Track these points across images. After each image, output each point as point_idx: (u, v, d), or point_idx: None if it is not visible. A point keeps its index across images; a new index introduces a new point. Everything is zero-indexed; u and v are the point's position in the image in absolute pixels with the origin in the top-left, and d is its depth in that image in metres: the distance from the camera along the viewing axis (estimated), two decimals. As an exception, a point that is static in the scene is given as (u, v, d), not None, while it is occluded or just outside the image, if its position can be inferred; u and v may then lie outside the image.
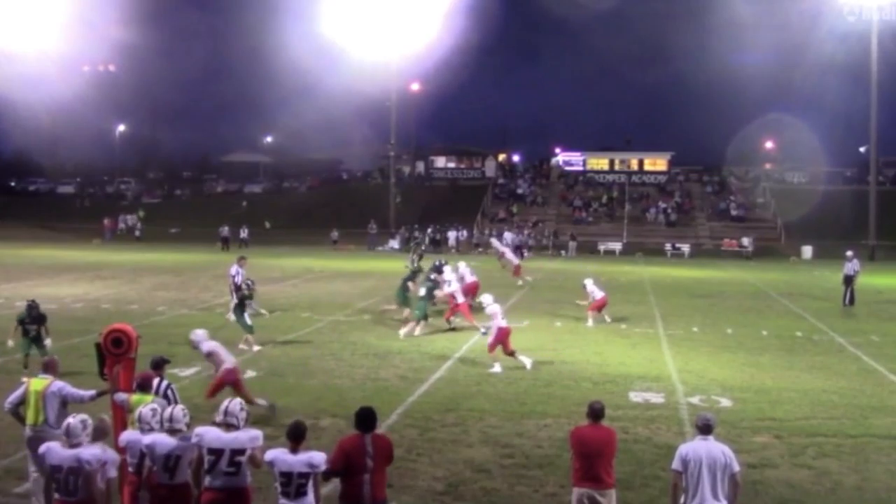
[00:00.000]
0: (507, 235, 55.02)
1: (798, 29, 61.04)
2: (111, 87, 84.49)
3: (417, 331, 20.44)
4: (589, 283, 23.55)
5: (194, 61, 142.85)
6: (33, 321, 15.89)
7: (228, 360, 13.27)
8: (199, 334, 13.50)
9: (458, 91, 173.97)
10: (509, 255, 36.86)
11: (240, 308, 19.13)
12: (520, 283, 32.59)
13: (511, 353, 16.85)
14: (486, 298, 17.91)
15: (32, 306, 16.06)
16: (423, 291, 21.16)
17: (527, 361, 16.79)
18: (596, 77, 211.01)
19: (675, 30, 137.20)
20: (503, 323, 16.98)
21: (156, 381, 9.65)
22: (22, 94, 58.71)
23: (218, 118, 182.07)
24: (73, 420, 7.51)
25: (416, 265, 24.83)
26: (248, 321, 18.98)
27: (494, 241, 42.53)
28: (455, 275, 23.58)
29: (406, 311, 22.14)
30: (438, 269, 23.49)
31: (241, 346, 18.40)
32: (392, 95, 64.16)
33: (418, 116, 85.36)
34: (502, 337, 16.85)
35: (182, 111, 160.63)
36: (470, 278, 24.87)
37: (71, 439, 7.43)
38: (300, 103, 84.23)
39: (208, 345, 13.37)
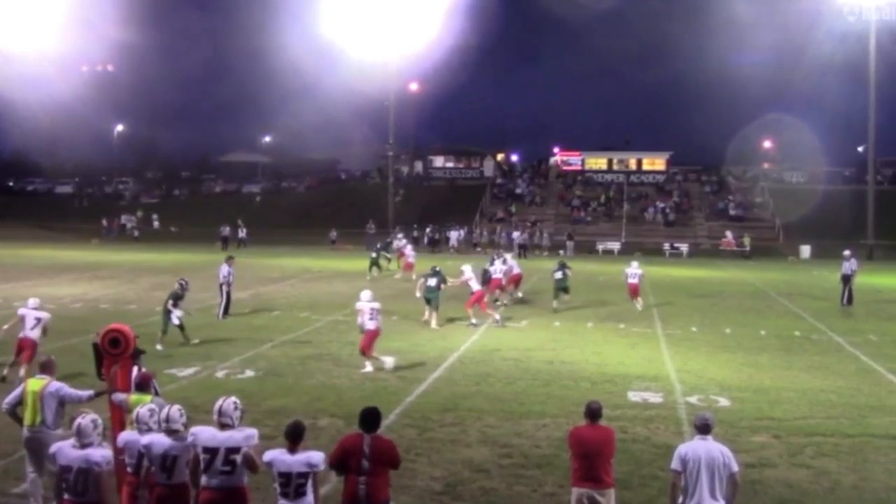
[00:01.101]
0: (516, 235, 55.45)
1: (797, 29, 61.11)
2: (110, 87, 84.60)
3: (434, 322, 21.84)
4: (633, 266, 26.50)
5: (193, 61, 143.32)
6: None
7: None
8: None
9: (456, 91, 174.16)
10: (411, 258, 35.95)
11: (170, 308, 18.87)
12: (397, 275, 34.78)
13: (366, 353, 16.58)
14: (364, 294, 17.24)
15: None
16: (433, 282, 22.25)
17: (385, 361, 16.52)
18: (595, 77, 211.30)
19: (674, 30, 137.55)
20: (371, 325, 16.59)
21: (135, 370, 9.67)
22: (21, 93, 58.82)
23: (217, 118, 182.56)
24: (83, 420, 7.47)
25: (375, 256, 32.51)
26: (176, 321, 18.77)
27: (399, 242, 40.63)
28: (504, 266, 26.50)
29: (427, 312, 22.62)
30: (491, 263, 26.94)
31: (158, 346, 18.22)
32: (391, 95, 64.16)
33: (417, 116, 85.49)
34: (371, 338, 16.59)
35: (181, 111, 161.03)
36: (516, 270, 27.60)
37: (82, 439, 7.41)
38: (299, 103, 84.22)
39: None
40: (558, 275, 25.95)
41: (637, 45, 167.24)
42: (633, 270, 26.10)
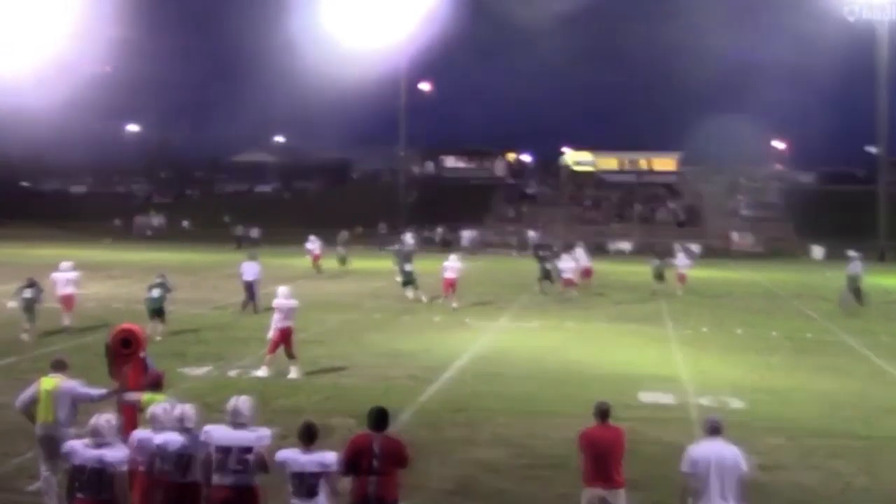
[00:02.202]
0: (532, 234, 55.84)
1: (810, 29, 60.88)
2: (122, 89, 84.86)
3: (410, 294, 26.83)
4: (680, 257, 31.62)
5: (205, 61, 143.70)
6: None
7: None
8: None
9: (468, 91, 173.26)
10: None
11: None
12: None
13: (290, 356, 16.02)
14: (281, 290, 16.62)
15: None
16: (409, 267, 27.49)
17: (295, 372, 15.91)
18: (605, 77, 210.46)
19: (685, 30, 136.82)
20: (285, 323, 16.08)
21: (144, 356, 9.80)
22: (33, 95, 58.95)
23: (228, 118, 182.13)
24: (98, 420, 7.46)
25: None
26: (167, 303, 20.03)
27: (311, 245, 40.38)
28: (572, 264, 28.96)
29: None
30: (557, 254, 31.41)
31: (157, 337, 18.66)
32: (402, 95, 64.19)
33: (428, 116, 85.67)
34: (281, 338, 16.00)
35: (192, 111, 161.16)
36: (585, 263, 30.88)
37: (97, 439, 7.40)
38: (310, 103, 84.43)
39: None
40: (655, 262, 30.93)
41: (645, 45, 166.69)
42: (683, 262, 31.33)
